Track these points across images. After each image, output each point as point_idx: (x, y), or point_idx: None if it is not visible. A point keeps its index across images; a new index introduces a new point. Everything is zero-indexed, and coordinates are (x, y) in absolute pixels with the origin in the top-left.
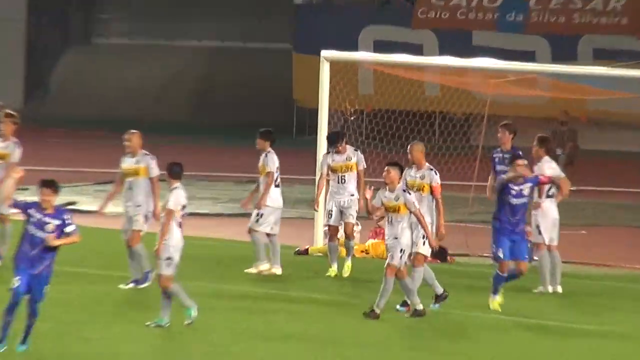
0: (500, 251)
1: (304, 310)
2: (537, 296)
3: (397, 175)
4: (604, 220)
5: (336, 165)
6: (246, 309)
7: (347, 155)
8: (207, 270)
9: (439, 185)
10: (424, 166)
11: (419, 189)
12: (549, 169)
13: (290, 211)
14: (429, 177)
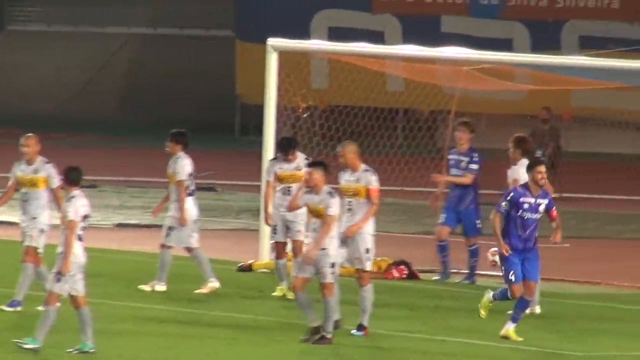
0: (512, 274)
1: (248, 334)
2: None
3: (321, 177)
4: (590, 231)
5: (284, 174)
6: (179, 334)
7: (296, 165)
8: (134, 289)
9: (376, 189)
10: (359, 168)
11: (355, 194)
12: (525, 174)
13: (232, 222)
14: (365, 179)
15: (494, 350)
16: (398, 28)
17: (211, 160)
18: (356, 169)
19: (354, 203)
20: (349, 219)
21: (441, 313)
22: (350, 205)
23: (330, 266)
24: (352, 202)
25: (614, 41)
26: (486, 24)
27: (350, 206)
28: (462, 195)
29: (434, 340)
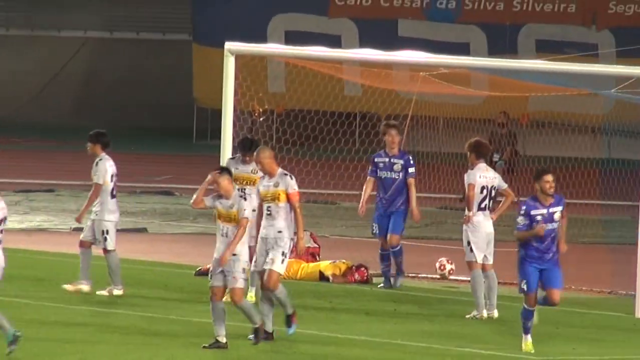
0: (524, 283)
1: (206, 338)
2: (470, 322)
3: (229, 183)
4: None
5: (239, 175)
6: (138, 339)
7: (253, 167)
8: (94, 294)
9: (296, 192)
10: (276, 173)
11: (274, 199)
12: (482, 177)
13: (190, 225)
14: (283, 183)
15: (452, 354)
16: (355, 32)
17: (168, 165)
18: (273, 174)
19: (273, 208)
20: (268, 223)
21: (400, 317)
22: (270, 210)
23: (242, 272)
24: (271, 207)
25: (570, 45)
26: (443, 27)
27: (270, 211)
28: (394, 199)
29: (393, 344)
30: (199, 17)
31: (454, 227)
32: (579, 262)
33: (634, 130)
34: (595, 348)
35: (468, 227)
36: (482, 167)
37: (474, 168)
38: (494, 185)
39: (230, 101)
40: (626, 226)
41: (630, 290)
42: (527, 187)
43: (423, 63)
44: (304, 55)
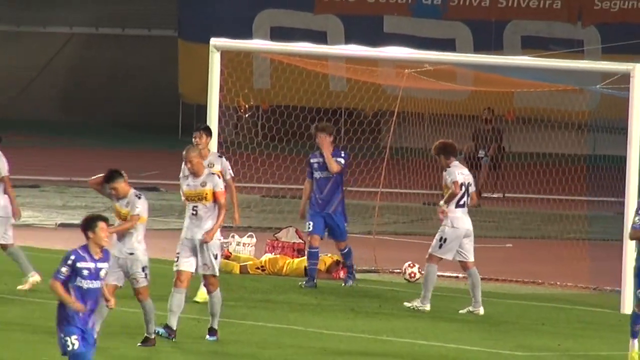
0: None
1: (185, 335)
2: (455, 318)
3: (125, 185)
4: (533, 231)
5: None
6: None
7: (209, 161)
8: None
9: (223, 192)
10: (203, 172)
11: (201, 198)
12: (460, 175)
13: (175, 221)
14: (211, 182)
15: (437, 350)
16: (340, 28)
17: (154, 160)
18: (200, 173)
19: (199, 208)
20: (194, 224)
21: (385, 313)
22: (196, 210)
23: (142, 270)
24: (198, 207)
25: (556, 42)
26: (429, 24)
27: (196, 211)
28: (329, 199)
29: (378, 340)
30: (185, 13)
31: (439, 223)
32: (565, 258)
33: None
34: (580, 344)
35: (447, 224)
36: (458, 165)
37: (451, 166)
38: (470, 182)
39: (216, 97)
40: (611, 222)
41: (615, 287)
42: (513, 183)
43: (409, 59)
44: (289, 51)
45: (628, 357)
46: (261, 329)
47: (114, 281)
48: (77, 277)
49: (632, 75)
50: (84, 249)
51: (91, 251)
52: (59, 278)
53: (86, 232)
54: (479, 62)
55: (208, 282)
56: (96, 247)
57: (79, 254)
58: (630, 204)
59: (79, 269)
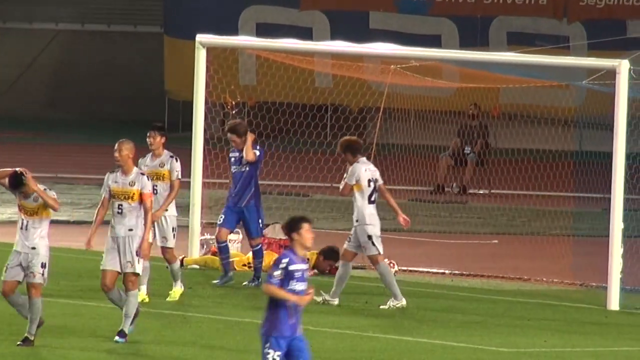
0: None
1: (176, 331)
2: (441, 314)
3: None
4: (518, 228)
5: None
6: (109, 331)
7: (160, 162)
8: (64, 285)
9: (150, 194)
10: (132, 170)
11: (127, 197)
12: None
13: None
14: (139, 183)
15: (424, 346)
16: (326, 24)
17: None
18: (129, 171)
19: (125, 206)
20: (118, 222)
21: (371, 309)
22: (121, 208)
23: (42, 266)
24: (123, 206)
25: (542, 38)
26: (414, 20)
27: (121, 209)
28: (242, 193)
29: (364, 337)
30: (170, 10)
31: (425, 219)
32: (551, 254)
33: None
34: (566, 340)
35: (365, 222)
36: (365, 161)
37: (359, 161)
38: (377, 177)
39: (202, 93)
40: (598, 218)
41: (601, 283)
42: (499, 179)
43: (394, 55)
44: (275, 47)
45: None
46: (247, 325)
47: (15, 277)
48: (290, 280)
49: (618, 71)
50: (291, 251)
51: (297, 253)
52: (273, 282)
53: (291, 233)
54: (465, 58)
55: (128, 280)
56: (301, 248)
57: (291, 256)
58: (616, 200)
59: (292, 271)
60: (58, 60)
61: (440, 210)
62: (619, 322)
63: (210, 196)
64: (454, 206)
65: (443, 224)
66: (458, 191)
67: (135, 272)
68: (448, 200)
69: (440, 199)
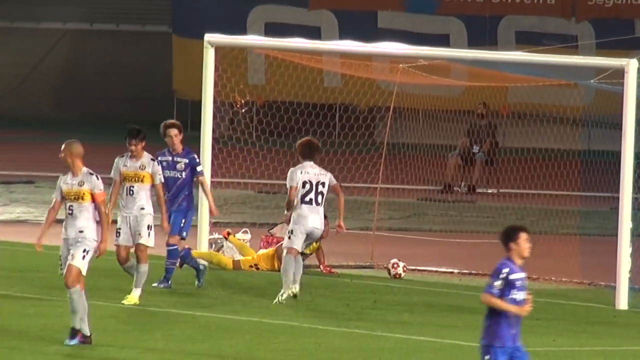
0: None
1: (185, 330)
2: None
3: None
4: (528, 227)
5: (128, 172)
6: (117, 330)
7: (141, 163)
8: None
9: (101, 193)
10: (81, 171)
11: (78, 198)
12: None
13: None
14: (89, 183)
15: (432, 346)
16: (334, 24)
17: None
18: (78, 172)
19: (75, 207)
20: (69, 223)
21: (380, 308)
22: (72, 209)
23: None
24: (74, 206)
25: (550, 37)
26: (423, 19)
27: (72, 210)
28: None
29: (372, 336)
30: (179, 9)
31: (434, 218)
32: (559, 253)
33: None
34: (575, 339)
35: (292, 219)
36: (306, 165)
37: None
38: (320, 180)
39: (210, 93)
40: (606, 218)
41: (610, 282)
42: (507, 178)
43: (403, 55)
44: (283, 47)
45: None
46: (256, 324)
47: None
48: (511, 289)
49: (627, 70)
50: (510, 260)
51: (515, 262)
52: (493, 292)
53: (508, 243)
54: (473, 57)
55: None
56: (519, 257)
57: (510, 265)
58: (625, 199)
59: (512, 280)
60: (65, 59)
61: (448, 210)
62: (627, 321)
63: (219, 195)
64: (462, 205)
65: (452, 223)
66: (467, 190)
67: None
68: (457, 200)
69: (449, 198)
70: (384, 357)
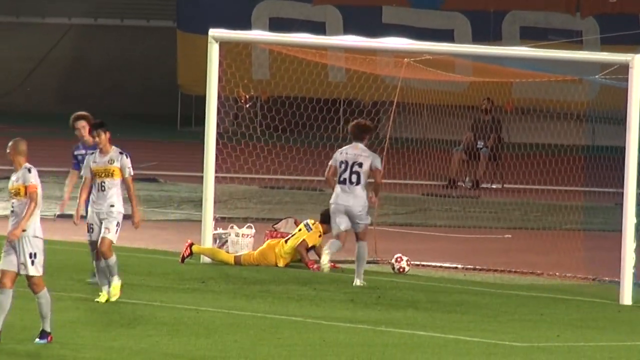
0: None
1: (189, 325)
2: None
3: None
4: (531, 222)
5: (98, 168)
6: (122, 325)
7: (109, 158)
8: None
9: (33, 185)
10: (21, 167)
11: (17, 194)
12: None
13: (174, 212)
14: (22, 178)
15: (436, 341)
16: (339, 19)
17: (153, 151)
18: (19, 167)
19: (15, 204)
20: (12, 221)
21: (384, 304)
22: (13, 206)
23: None
24: (14, 203)
25: (554, 32)
26: (427, 14)
27: (13, 207)
28: None
29: (377, 331)
30: (183, 4)
31: (438, 213)
32: (564, 249)
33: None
34: (579, 335)
35: None
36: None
37: None
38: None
39: (215, 88)
40: (610, 213)
41: (614, 277)
42: (511, 173)
43: (407, 50)
44: (288, 42)
45: None
46: (260, 319)
47: None
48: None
49: (631, 66)
50: None
51: None
52: None
53: None
54: (478, 52)
55: (31, 283)
56: None
57: None
58: (629, 195)
59: None
60: (70, 55)
61: (452, 205)
62: (632, 317)
63: (222, 191)
64: (466, 200)
65: (456, 218)
66: (471, 186)
67: (29, 274)
68: (461, 195)
69: (453, 194)
70: (388, 353)
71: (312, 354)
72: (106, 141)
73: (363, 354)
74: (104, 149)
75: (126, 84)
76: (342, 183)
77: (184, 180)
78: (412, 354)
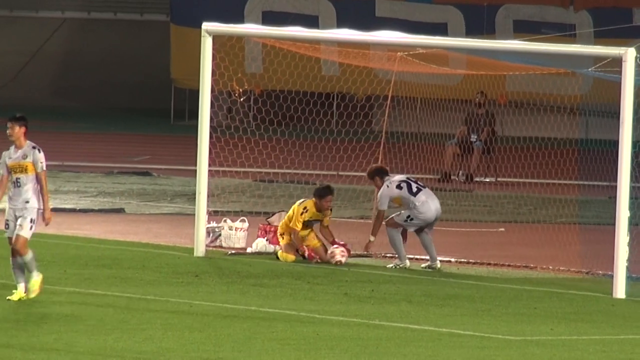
0: None
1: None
2: (447, 302)
3: None
4: (525, 216)
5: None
6: (116, 319)
7: (23, 153)
8: (71, 273)
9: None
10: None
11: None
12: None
13: (167, 206)
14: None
15: (430, 335)
16: (332, 12)
17: (146, 145)
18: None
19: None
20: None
21: (378, 297)
22: (19, 181)
23: None
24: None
25: (548, 25)
26: (421, 8)
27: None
28: None
29: (370, 325)
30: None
31: None
32: (557, 242)
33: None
34: (573, 328)
35: None
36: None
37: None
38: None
39: (208, 82)
40: (604, 206)
41: (608, 271)
42: (505, 167)
43: (401, 43)
44: (281, 35)
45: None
46: (253, 313)
47: None
48: None
49: (624, 59)
50: None
51: None
52: None
53: None
54: (471, 46)
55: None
56: None
57: None
58: (622, 188)
59: None
60: (64, 48)
61: (446, 199)
62: (625, 310)
63: (216, 184)
64: (460, 194)
65: (449, 212)
66: (464, 179)
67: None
68: (454, 188)
69: (447, 187)
70: (382, 346)
71: (305, 348)
72: (19, 135)
73: (356, 347)
74: (17, 143)
75: (119, 77)
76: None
77: (178, 174)
78: (406, 348)
